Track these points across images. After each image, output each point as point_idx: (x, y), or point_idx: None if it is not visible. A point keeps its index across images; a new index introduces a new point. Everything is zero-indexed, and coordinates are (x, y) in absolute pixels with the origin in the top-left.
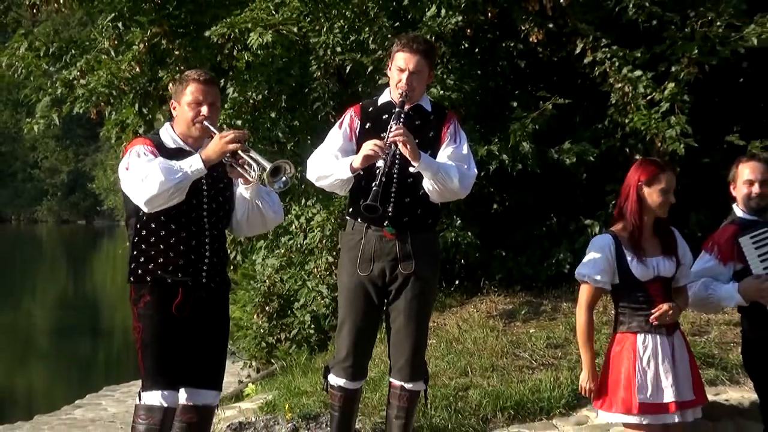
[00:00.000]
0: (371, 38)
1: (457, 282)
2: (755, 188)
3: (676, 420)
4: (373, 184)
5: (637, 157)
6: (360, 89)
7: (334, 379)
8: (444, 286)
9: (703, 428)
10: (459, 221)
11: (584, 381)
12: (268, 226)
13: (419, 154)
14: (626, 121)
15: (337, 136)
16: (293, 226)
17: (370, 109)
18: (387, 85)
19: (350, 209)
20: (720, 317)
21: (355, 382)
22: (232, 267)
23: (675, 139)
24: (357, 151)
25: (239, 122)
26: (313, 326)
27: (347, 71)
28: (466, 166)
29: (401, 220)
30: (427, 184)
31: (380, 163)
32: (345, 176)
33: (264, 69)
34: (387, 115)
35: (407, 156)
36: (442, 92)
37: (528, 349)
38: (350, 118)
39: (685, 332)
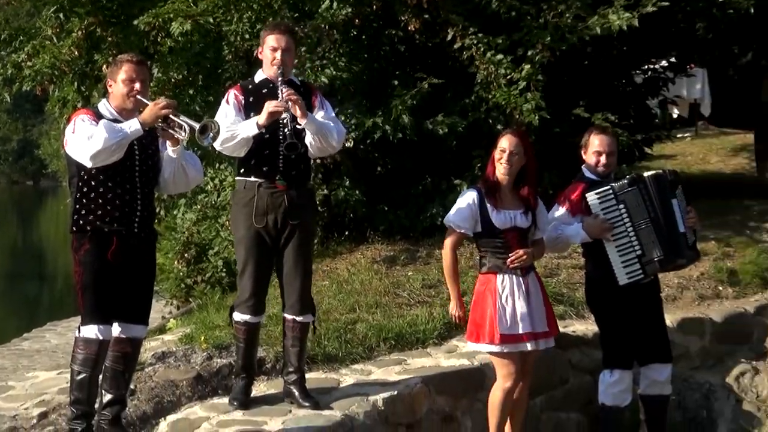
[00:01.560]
0: None
1: (346, 233)
2: (602, 159)
3: (530, 348)
4: (285, 130)
5: (499, 127)
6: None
7: (239, 316)
8: (335, 235)
9: (555, 355)
10: (348, 182)
11: (453, 310)
12: (191, 184)
13: (306, 112)
14: (490, 97)
15: (228, 109)
16: (208, 186)
17: (250, 87)
18: (260, 66)
19: (241, 170)
20: (568, 261)
21: (257, 317)
22: (157, 220)
23: (530, 112)
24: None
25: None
26: (224, 270)
27: (254, 55)
28: (337, 125)
29: (290, 174)
30: (310, 139)
31: (285, 116)
32: (251, 133)
33: (184, 53)
34: (266, 90)
35: (298, 114)
36: (335, 72)
37: (406, 289)
38: (234, 95)
39: (540, 274)
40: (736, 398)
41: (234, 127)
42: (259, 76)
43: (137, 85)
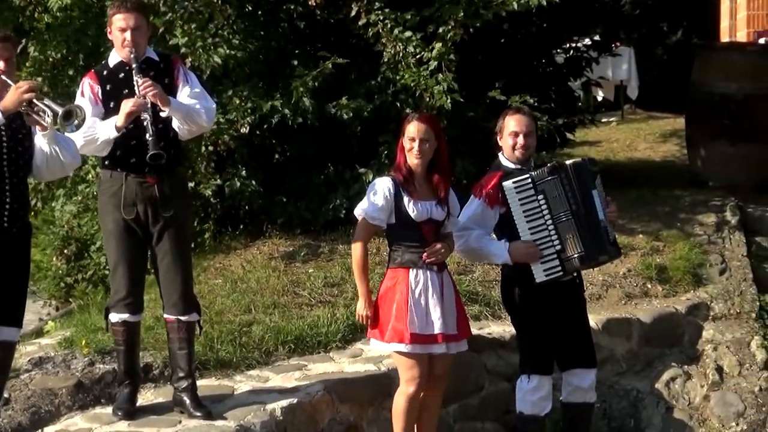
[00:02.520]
0: (162, 2)
1: (241, 226)
2: (520, 140)
3: (441, 350)
4: (147, 136)
5: (408, 111)
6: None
7: (117, 316)
8: (229, 229)
9: (469, 359)
10: (244, 171)
11: (361, 309)
12: (67, 170)
13: (168, 99)
14: (397, 78)
15: (83, 104)
16: (90, 176)
17: (104, 72)
18: (112, 47)
19: (106, 162)
20: None
21: (137, 315)
22: (33, 213)
23: (442, 95)
24: (106, 113)
25: (39, 79)
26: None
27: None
28: (205, 101)
29: (159, 164)
30: (178, 124)
31: (145, 116)
32: (112, 136)
33: (63, 30)
34: (123, 74)
35: (158, 104)
36: (228, 52)
37: (307, 287)
38: (89, 85)
39: (452, 271)
40: (666, 406)
41: (93, 130)
42: (113, 58)
43: (1, 65)
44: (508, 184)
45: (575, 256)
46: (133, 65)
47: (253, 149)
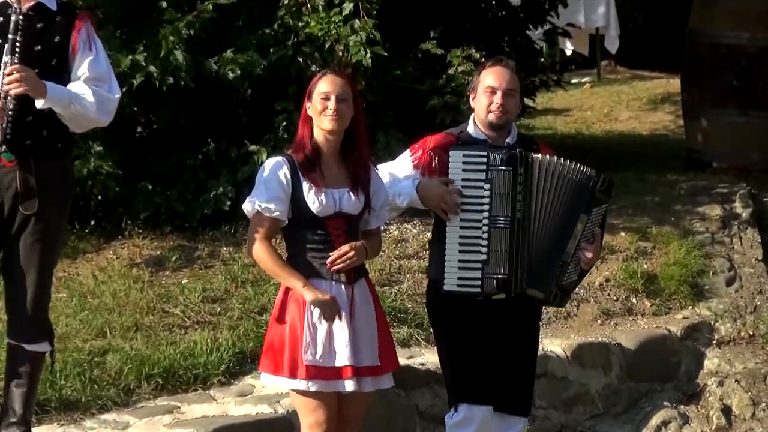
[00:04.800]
0: None
1: (93, 222)
2: (497, 98)
3: (351, 388)
4: (3, 125)
5: (315, 68)
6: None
7: None
8: (77, 227)
9: (394, 398)
10: (96, 147)
11: (313, 295)
12: None
13: (44, 88)
14: (300, 25)
15: None
16: None
17: None
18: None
19: None
20: (414, 263)
21: None
22: None
23: (359, 47)
24: None
25: None
26: None
27: None
28: (107, 87)
29: (23, 144)
30: (59, 111)
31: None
32: None
33: None
34: (2, 18)
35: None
36: None
37: (180, 303)
38: None
39: (373, 282)
40: None
41: None
42: None
43: None
44: (456, 152)
45: (498, 276)
46: (12, 18)
47: None
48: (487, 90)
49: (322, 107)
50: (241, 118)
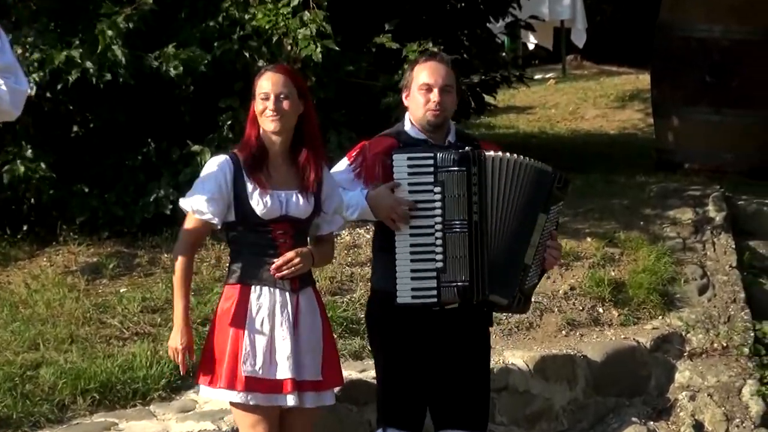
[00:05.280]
0: None
1: (25, 228)
2: (433, 95)
3: (292, 403)
4: None
5: (262, 63)
6: None
7: None
8: (8, 233)
9: (345, 414)
10: (29, 149)
11: (175, 341)
12: None
13: None
14: (247, 17)
15: None
16: None
17: None
18: None
19: None
20: (367, 270)
21: None
22: None
23: (309, 41)
24: None
25: None
26: None
27: None
28: (13, 78)
29: None
30: None
31: None
32: None
33: None
34: None
35: None
36: None
37: (118, 314)
38: None
39: (322, 291)
40: None
41: None
42: None
43: None
44: (400, 156)
45: (457, 283)
46: None
47: (43, 118)
48: (423, 87)
49: (262, 107)
50: (183, 117)
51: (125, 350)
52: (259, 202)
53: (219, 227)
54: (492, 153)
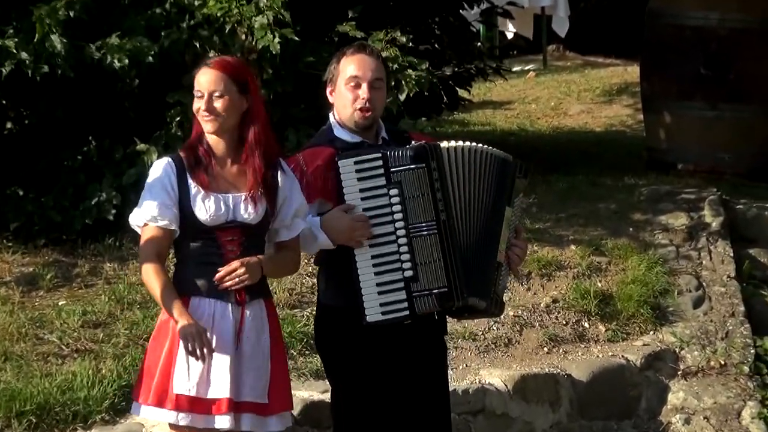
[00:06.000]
0: None
1: None
2: (362, 92)
3: (224, 425)
4: None
5: (212, 54)
6: None
7: None
8: None
9: None
10: None
11: (189, 329)
12: None
13: None
14: (197, 4)
15: None
16: None
17: None
18: None
19: None
20: None
21: None
22: None
23: (266, 30)
24: None
25: None
26: None
27: None
28: None
29: None
30: None
31: None
32: None
33: None
34: None
35: None
36: None
37: (56, 329)
38: None
39: (280, 303)
40: None
41: None
42: None
43: None
44: (346, 162)
45: (433, 291)
46: None
47: None
48: (350, 81)
49: (197, 106)
50: (127, 113)
51: (64, 369)
52: (201, 207)
53: (178, 233)
54: (446, 144)
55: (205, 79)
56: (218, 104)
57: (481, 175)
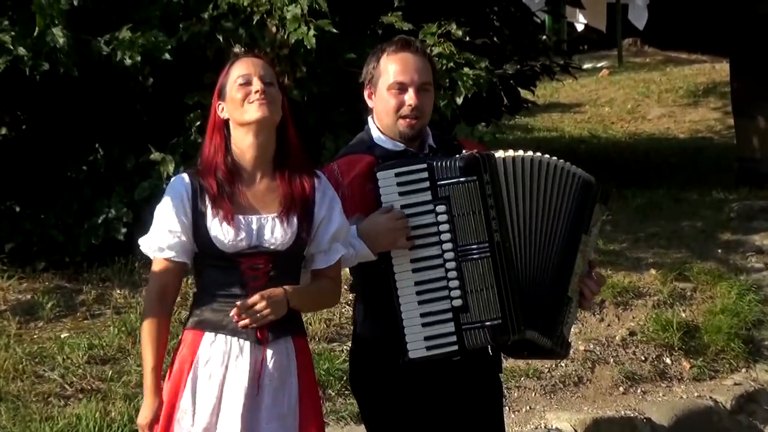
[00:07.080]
0: None
1: None
2: (409, 97)
3: None
4: None
5: (237, 50)
6: None
7: None
8: None
9: None
10: None
11: (143, 417)
12: None
13: None
14: None
15: None
16: None
17: None
18: None
19: None
20: None
21: None
22: None
23: (300, 22)
24: None
25: None
26: None
27: None
28: None
29: None
30: None
31: None
32: None
33: None
34: None
35: None
36: None
37: (58, 365)
38: None
39: (316, 337)
40: None
41: None
42: None
43: None
44: (386, 173)
45: (486, 323)
46: None
47: None
48: (392, 88)
49: (244, 93)
50: (140, 116)
51: (68, 411)
52: (219, 231)
53: (190, 266)
54: (503, 153)
55: (252, 64)
56: (272, 90)
57: (547, 191)
